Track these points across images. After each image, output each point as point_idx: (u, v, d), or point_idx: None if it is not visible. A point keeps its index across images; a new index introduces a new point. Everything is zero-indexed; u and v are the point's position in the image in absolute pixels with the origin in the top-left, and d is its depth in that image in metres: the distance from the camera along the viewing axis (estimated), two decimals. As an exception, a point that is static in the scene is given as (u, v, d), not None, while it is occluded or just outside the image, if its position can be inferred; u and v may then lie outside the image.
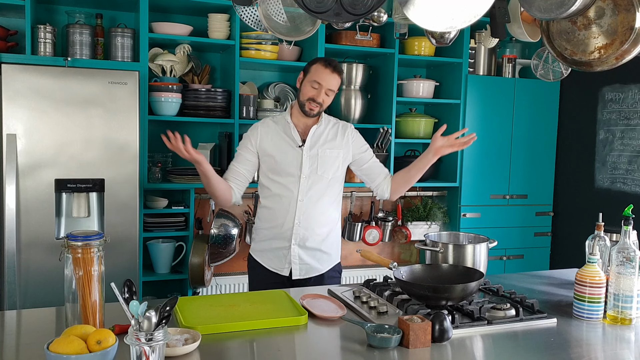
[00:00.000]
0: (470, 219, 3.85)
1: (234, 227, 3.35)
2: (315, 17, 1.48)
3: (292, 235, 2.36)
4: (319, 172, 2.37)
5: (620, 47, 1.73)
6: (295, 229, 2.35)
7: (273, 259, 2.40)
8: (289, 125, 2.38)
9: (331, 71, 2.30)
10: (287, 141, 2.37)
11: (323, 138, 2.40)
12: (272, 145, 2.37)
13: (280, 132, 2.38)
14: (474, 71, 3.86)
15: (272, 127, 2.40)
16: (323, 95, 2.31)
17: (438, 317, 1.54)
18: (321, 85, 2.29)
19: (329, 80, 2.30)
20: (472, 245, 2.08)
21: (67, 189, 2.79)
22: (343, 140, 2.44)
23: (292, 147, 2.36)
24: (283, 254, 2.38)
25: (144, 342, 1.22)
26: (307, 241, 2.37)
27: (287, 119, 2.39)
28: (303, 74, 2.37)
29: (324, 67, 2.30)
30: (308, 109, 2.32)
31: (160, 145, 3.44)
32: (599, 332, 1.69)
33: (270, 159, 2.36)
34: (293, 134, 2.37)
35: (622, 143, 3.61)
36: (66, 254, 1.49)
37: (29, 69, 2.71)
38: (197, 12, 3.40)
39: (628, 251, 1.72)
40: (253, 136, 2.39)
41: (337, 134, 2.44)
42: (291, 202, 2.35)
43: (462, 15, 1.39)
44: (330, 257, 2.45)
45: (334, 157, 2.40)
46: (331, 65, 2.30)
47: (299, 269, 2.37)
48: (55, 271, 2.77)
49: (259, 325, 1.62)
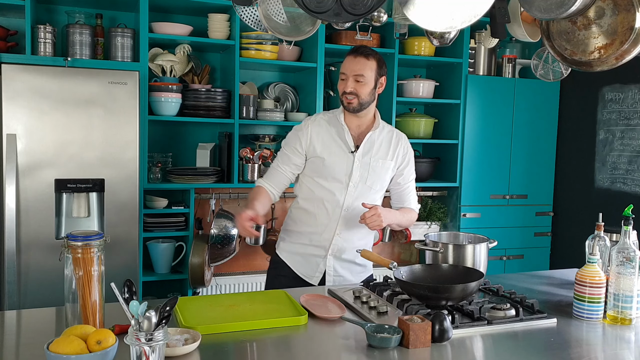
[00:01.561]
0: (470, 219, 3.85)
1: (234, 227, 3.34)
2: (315, 17, 1.47)
3: (330, 246, 2.22)
4: (367, 183, 2.23)
5: (620, 47, 1.73)
6: (335, 239, 2.22)
7: (304, 264, 2.26)
8: (343, 128, 2.23)
9: (354, 56, 2.16)
10: (339, 144, 2.21)
11: (377, 146, 2.25)
12: (323, 147, 2.21)
13: (332, 134, 2.23)
14: (474, 71, 3.86)
15: (324, 127, 2.24)
16: (352, 84, 2.15)
17: (438, 317, 1.53)
18: (346, 74, 2.16)
19: (352, 66, 2.15)
20: (472, 245, 2.08)
21: (67, 189, 2.79)
22: (396, 151, 2.29)
23: (344, 151, 2.21)
24: (316, 262, 2.24)
25: (144, 342, 1.22)
26: (344, 253, 2.24)
27: (341, 121, 2.23)
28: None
29: (347, 55, 2.18)
30: (346, 103, 2.18)
31: (160, 145, 3.47)
32: (599, 332, 1.69)
33: (318, 160, 2.20)
34: (347, 137, 2.22)
35: (622, 143, 3.61)
36: (66, 254, 1.49)
37: (29, 69, 2.71)
38: (197, 12, 3.40)
39: (628, 251, 1.72)
40: (303, 136, 2.22)
41: (391, 143, 2.29)
42: (335, 210, 2.21)
43: (462, 15, 1.39)
44: (365, 268, 2.33)
45: (385, 169, 2.26)
46: (353, 51, 2.17)
47: (333, 281, 2.24)
48: (55, 271, 2.77)
49: (259, 325, 1.62)
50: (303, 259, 2.26)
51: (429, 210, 3.95)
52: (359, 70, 2.15)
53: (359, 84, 2.16)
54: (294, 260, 2.28)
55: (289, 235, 2.31)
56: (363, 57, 2.16)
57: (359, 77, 2.15)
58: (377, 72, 2.20)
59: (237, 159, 3.36)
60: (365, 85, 2.17)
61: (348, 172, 2.20)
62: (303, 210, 2.26)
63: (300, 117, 3.53)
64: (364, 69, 2.15)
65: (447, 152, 3.93)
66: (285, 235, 2.33)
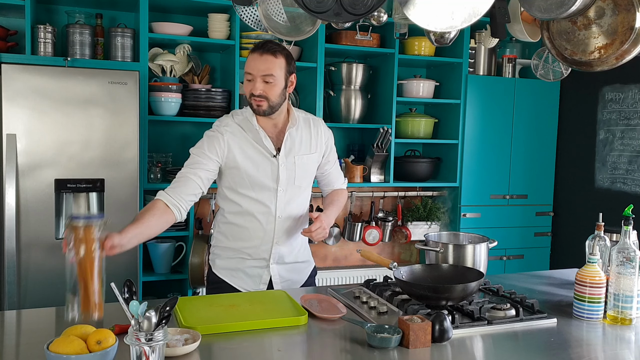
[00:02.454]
0: (470, 219, 3.85)
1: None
2: (315, 17, 1.48)
3: (270, 255, 2.08)
4: (296, 183, 2.08)
5: (620, 47, 1.73)
6: (274, 248, 2.07)
7: (246, 279, 2.10)
8: (259, 132, 2.02)
9: (259, 54, 1.93)
10: (259, 150, 2.03)
11: (298, 142, 2.09)
12: (243, 156, 2.01)
13: (249, 140, 2.03)
14: (474, 71, 3.86)
15: (238, 133, 2.03)
16: (261, 85, 1.93)
17: (438, 317, 1.53)
18: (252, 74, 1.94)
19: (258, 65, 1.92)
20: (472, 245, 2.08)
21: (67, 189, 2.79)
22: (318, 141, 2.15)
23: (266, 157, 2.03)
24: (258, 273, 2.10)
25: (144, 342, 1.22)
26: (286, 257, 2.12)
27: (255, 125, 2.03)
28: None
29: (252, 52, 1.95)
30: (255, 106, 1.97)
31: (160, 145, 3.47)
32: (599, 332, 1.69)
33: (239, 171, 2.01)
34: (265, 142, 2.03)
35: (622, 143, 3.61)
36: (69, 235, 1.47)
37: (29, 69, 2.71)
38: (197, 12, 3.40)
39: (628, 251, 1.72)
40: (219, 144, 2.00)
41: (311, 133, 2.13)
42: (269, 220, 2.05)
43: (462, 15, 1.39)
44: (308, 263, 2.24)
45: (312, 162, 2.13)
46: (258, 48, 1.94)
47: (281, 287, 2.11)
48: (55, 271, 2.77)
49: (259, 325, 1.62)
50: (244, 274, 2.11)
51: (429, 210, 3.95)
52: (268, 69, 1.93)
53: (268, 85, 1.95)
54: (234, 276, 2.11)
55: (223, 251, 2.12)
56: (270, 54, 1.94)
57: (267, 78, 1.94)
58: (287, 69, 1.99)
59: (237, 159, 3.35)
60: (275, 86, 1.96)
61: (274, 177, 2.04)
62: (234, 225, 2.08)
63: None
64: (273, 68, 1.94)
65: (447, 152, 3.93)
66: (220, 252, 2.13)
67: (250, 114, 2.05)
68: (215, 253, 2.16)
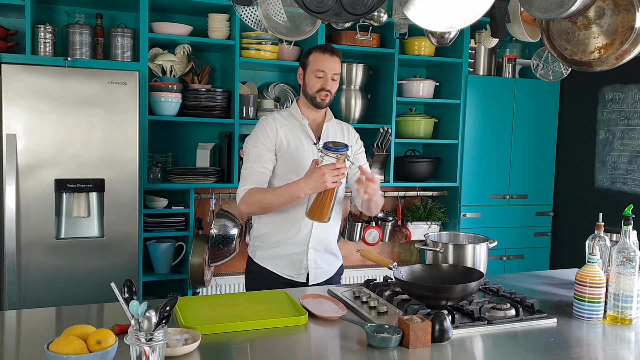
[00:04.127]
0: (470, 219, 3.85)
1: (234, 227, 3.35)
2: (315, 17, 1.47)
3: (309, 240, 2.24)
4: None
5: (620, 47, 1.73)
6: (314, 231, 2.24)
7: (288, 265, 2.26)
8: (303, 122, 2.28)
9: (330, 55, 2.23)
10: (302, 138, 2.26)
11: (332, 135, 2.33)
12: (289, 142, 2.23)
13: (293, 129, 2.26)
14: (474, 71, 3.86)
15: (285, 123, 2.26)
16: (330, 82, 2.23)
17: (438, 317, 1.54)
18: (325, 72, 2.22)
19: (331, 65, 2.22)
20: (472, 245, 2.08)
21: (67, 189, 2.79)
22: (349, 138, 2.39)
23: (308, 144, 2.26)
24: (299, 259, 2.25)
25: (144, 342, 1.22)
26: (321, 244, 2.28)
27: (300, 117, 2.28)
28: (302, 68, 2.28)
29: (322, 53, 2.23)
30: (320, 100, 2.23)
31: (160, 145, 3.47)
32: (599, 332, 1.69)
33: (288, 157, 2.23)
34: (308, 131, 2.28)
35: (622, 143, 3.61)
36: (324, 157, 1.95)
37: (29, 69, 2.71)
38: (197, 12, 3.40)
39: (628, 251, 1.72)
40: (271, 132, 2.22)
41: (343, 131, 2.39)
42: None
43: (462, 15, 1.39)
44: (338, 259, 2.38)
45: None
46: (328, 50, 2.23)
47: (314, 274, 2.27)
48: (55, 271, 2.78)
49: (259, 325, 1.62)
50: (285, 259, 2.26)
51: (429, 210, 3.95)
52: (336, 69, 2.24)
53: (334, 83, 2.26)
54: (277, 264, 2.26)
55: (264, 241, 2.28)
56: (337, 56, 2.25)
57: (335, 76, 2.24)
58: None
59: (237, 159, 3.36)
60: (336, 83, 2.27)
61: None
62: (277, 213, 2.21)
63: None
64: (338, 68, 2.26)
65: (447, 152, 3.93)
66: (261, 242, 2.29)
67: (293, 109, 2.31)
68: (256, 245, 2.32)
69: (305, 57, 2.28)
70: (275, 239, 2.26)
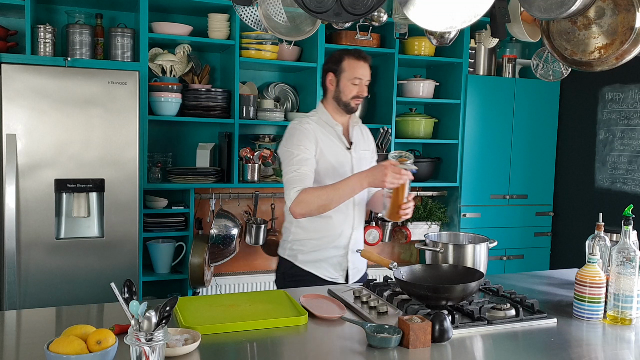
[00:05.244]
0: (470, 219, 3.85)
1: (234, 227, 3.35)
2: (315, 17, 1.47)
3: (349, 242, 2.29)
4: None
5: (620, 47, 1.73)
6: (353, 234, 2.29)
7: (329, 268, 2.28)
8: (335, 127, 2.29)
9: (364, 62, 2.27)
10: (336, 143, 2.28)
11: (357, 138, 2.36)
12: (327, 148, 2.25)
13: (327, 134, 2.27)
14: (474, 71, 3.86)
15: (319, 128, 2.27)
16: (365, 89, 2.28)
17: (438, 317, 1.53)
18: (361, 79, 2.25)
19: (366, 72, 2.26)
20: (472, 245, 2.08)
21: (67, 189, 2.79)
22: (368, 139, 2.44)
23: (342, 149, 2.29)
24: (339, 261, 2.29)
25: (144, 342, 1.22)
26: (358, 244, 2.33)
27: (332, 122, 2.29)
28: (332, 73, 2.27)
29: (357, 60, 2.25)
30: (354, 105, 2.28)
31: (160, 145, 3.47)
32: (599, 332, 1.69)
33: (327, 162, 2.23)
34: (341, 136, 2.30)
35: (622, 143, 3.61)
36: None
37: (29, 69, 2.71)
38: (197, 12, 3.40)
39: (628, 251, 1.72)
40: (311, 137, 2.22)
41: (363, 134, 2.42)
42: (348, 207, 2.26)
43: (462, 15, 1.39)
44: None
45: (367, 157, 2.40)
46: (362, 57, 2.27)
47: (352, 274, 2.32)
48: (55, 271, 2.78)
49: (259, 325, 1.62)
50: (327, 263, 2.28)
51: (429, 210, 3.95)
52: (370, 75, 2.29)
53: (366, 88, 2.30)
54: (319, 267, 2.28)
55: (304, 245, 2.29)
56: (369, 63, 2.29)
57: (367, 82, 2.29)
58: None
59: (237, 159, 3.36)
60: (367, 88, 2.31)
61: (350, 167, 2.28)
62: (318, 217, 2.23)
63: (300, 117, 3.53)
64: (370, 74, 2.30)
65: (447, 152, 3.93)
66: (301, 247, 2.29)
67: (322, 112, 2.32)
68: (295, 248, 2.31)
69: (337, 62, 2.27)
70: (317, 242, 2.27)
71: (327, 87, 2.31)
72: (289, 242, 2.33)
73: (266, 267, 3.80)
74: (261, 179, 3.52)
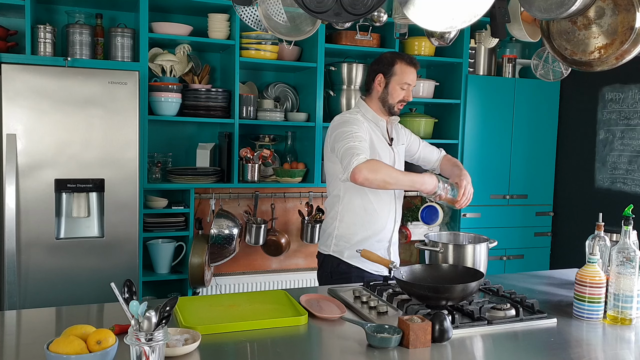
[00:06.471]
0: (470, 219, 3.85)
1: (234, 227, 3.35)
2: (315, 17, 1.47)
3: (392, 236, 2.38)
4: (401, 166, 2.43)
5: (620, 47, 1.73)
6: (395, 226, 2.39)
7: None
8: (379, 123, 2.35)
9: (414, 68, 2.32)
10: (381, 138, 2.35)
11: (395, 134, 2.44)
12: (373, 141, 2.30)
13: (373, 129, 2.33)
14: (474, 71, 3.86)
15: (366, 122, 2.31)
16: (411, 94, 2.34)
17: (438, 317, 1.54)
18: (410, 85, 2.31)
19: (414, 78, 2.33)
20: (472, 245, 2.08)
21: (67, 189, 2.79)
22: (401, 135, 2.49)
23: (385, 144, 2.36)
24: (383, 254, 2.33)
25: (144, 342, 1.22)
26: (396, 237, 2.41)
27: (377, 119, 2.35)
28: (383, 75, 2.30)
29: (408, 65, 2.30)
30: (397, 108, 2.34)
31: (160, 145, 3.47)
32: (599, 332, 1.69)
33: (374, 153, 2.27)
34: (384, 132, 2.37)
35: (622, 143, 3.61)
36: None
37: (29, 69, 2.71)
38: (197, 12, 3.40)
39: (628, 251, 1.72)
40: (363, 126, 2.26)
41: (398, 131, 2.48)
42: (391, 200, 2.34)
43: (462, 15, 1.39)
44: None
45: (403, 153, 2.49)
46: (413, 63, 2.32)
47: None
48: (55, 271, 2.77)
49: (259, 325, 1.62)
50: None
51: (429, 210, 3.94)
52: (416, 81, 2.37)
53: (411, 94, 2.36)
54: (366, 261, 2.25)
55: (349, 240, 2.32)
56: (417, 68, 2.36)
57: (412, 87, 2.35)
58: None
59: (237, 159, 3.36)
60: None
61: (392, 160, 2.35)
62: (364, 212, 2.30)
63: (300, 117, 3.53)
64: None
65: (447, 152, 3.90)
66: (346, 242, 2.32)
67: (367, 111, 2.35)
68: (341, 244, 2.34)
69: (389, 65, 2.30)
70: (360, 237, 2.31)
71: (375, 87, 2.34)
72: (333, 238, 2.35)
73: (266, 267, 3.80)
74: (261, 179, 3.52)
